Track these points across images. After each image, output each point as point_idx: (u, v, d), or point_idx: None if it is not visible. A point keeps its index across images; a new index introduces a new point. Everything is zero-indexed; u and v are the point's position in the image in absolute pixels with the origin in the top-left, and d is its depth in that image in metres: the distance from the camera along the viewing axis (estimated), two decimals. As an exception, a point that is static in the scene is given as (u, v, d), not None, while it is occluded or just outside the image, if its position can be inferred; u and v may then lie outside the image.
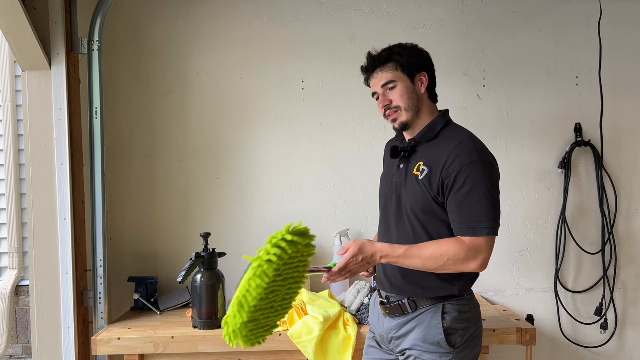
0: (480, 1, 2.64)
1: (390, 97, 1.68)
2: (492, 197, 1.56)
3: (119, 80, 2.60)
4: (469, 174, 1.54)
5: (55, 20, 2.24)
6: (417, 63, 1.69)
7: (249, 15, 2.62)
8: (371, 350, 1.82)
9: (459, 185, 1.55)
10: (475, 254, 1.54)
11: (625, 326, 2.68)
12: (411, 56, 1.68)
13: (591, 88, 2.64)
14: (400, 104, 1.67)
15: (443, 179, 1.57)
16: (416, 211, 1.64)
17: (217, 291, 2.17)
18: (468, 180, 1.54)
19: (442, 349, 1.61)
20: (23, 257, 2.98)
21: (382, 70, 1.69)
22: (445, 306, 1.62)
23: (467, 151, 1.58)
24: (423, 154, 1.66)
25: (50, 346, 2.28)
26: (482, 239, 1.54)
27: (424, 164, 1.63)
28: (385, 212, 1.77)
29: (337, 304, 2.22)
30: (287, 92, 2.63)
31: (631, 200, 2.67)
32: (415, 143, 1.69)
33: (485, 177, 1.56)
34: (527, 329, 2.13)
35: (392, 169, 1.77)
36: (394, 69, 1.68)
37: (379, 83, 1.69)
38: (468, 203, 1.55)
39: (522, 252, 2.65)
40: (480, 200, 1.54)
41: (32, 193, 2.28)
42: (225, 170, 2.64)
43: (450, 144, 1.61)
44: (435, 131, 1.67)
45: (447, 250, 1.54)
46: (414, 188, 1.64)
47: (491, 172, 1.59)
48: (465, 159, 1.56)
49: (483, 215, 1.54)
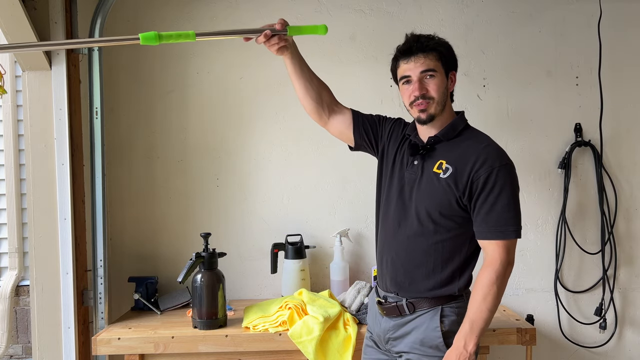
0: (480, 1, 2.64)
1: (427, 87, 1.64)
2: (517, 201, 1.61)
3: (119, 80, 2.60)
4: (498, 177, 1.57)
5: (55, 20, 2.23)
6: (452, 62, 1.71)
7: (249, 16, 2.62)
8: (369, 350, 1.81)
9: (489, 187, 1.57)
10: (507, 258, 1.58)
11: (624, 326, 2.68)
12: (450, 52, 1.70)
13: (591, 88, 2.64)
14: (435, 96, 1.64)
15: (472, 180, 1.58)
16: (431, 211, 1.62)
17: (217, 291, 2.17)
18: (498, 183, 1.57)
19: (441, 353, 1.60)
20: (23, 257, 2.99)
21: (425, 56, 1.64)
22: (443, 309, 1.62)
23: (497, 154, 1.61)
24: (443, 153, 1.65)
25: (50, 346, 2.28)
26: (510, 241, 1.58)
27: (447, 163, 1.62)
28: (387, 209, 1.74)
29: (337, 303, 2.22)
30: (287, 92, 2.63)
31: (631, 200, 2.67)
32: (434, 140, 1.68)
33: (514, 181, 1.61)
34: (527, 329, 2.13)
35: (400, 163, 1.73)
36: (436, 59, 1.65)
37: (419, 68, 1.64)
38: (498, 207, 1.57)
39: (522, 252, 2.65)
40: (510, 204, 1.58)
41: (32, 193, 2.28)
42: (225, 170, 2.64)
43: (477, 144, 1.62)
44: (457, 130, 1.68)
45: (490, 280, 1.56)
46: (433, 187, 1.63)
47: (516, 176, 1.63)
48: (495, 162, 1.58)
49: (511, 219, 1.58)
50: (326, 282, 2.61)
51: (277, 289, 2.59)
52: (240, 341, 2.08)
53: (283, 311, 2.15)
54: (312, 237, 2.61)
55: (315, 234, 2.62)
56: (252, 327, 2.12)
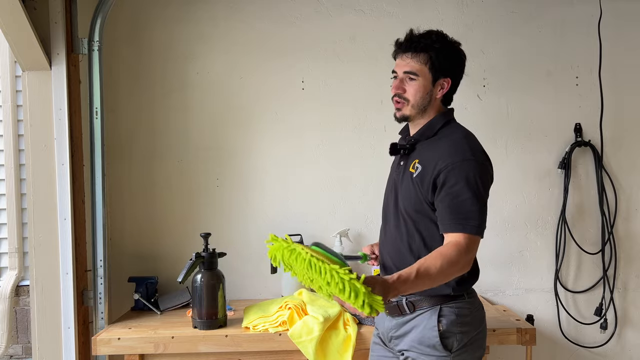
0: (480, 1, 2.64)
1: (405, 87, 1.63)
2: (481, 197, 1.54)
3: (119, 80, 2.60)
4: (459, 171, 1.52)
5: (55, 20, 2.24)
6: (447, 68, 1.63)
7: (249, 16, 2.62)
8: (376, 347, 1.82)
9: (450, 183, 1.53)
10: (466, 252, 1.49)
11: (625, 326, 2.68)
12: (445, 59, 1.62)
13: (591, 88, 2.64)
14: (410, 99, 1.63)
15: (434, 177, 1.56)
16: (408, 209, 1.64)
17: (217, 291, 2.17)
18: (459, 178, 1.52)
19: (438, 352, 1.60)
20: (23, 257, 2.98)
21: (412, 56, 1.61)
22: (442, 309, 1.61)
23: (460, 150, 1.56)
24: (420, 152, 1.66)
25: (50, 346, 2.28)
26: (470, 236, 1.50)
27: (419, 162, 1.62)
28: (385, 210, 1.77)
29: (337, 304, 2.22)
30: (287, 92, 2.63)
31: (631, 201, 2.67)
32: (414, 141, 1.68)
33: (477, 176, 1.53)
34: (527, 329, 2.13)
35: (394, 167, 1.77)
36: (423, 63, 1.61)
37: (403, 67, 1.63)
38: (458, 200, 1.52)
39: (522, 252, 2.65)
40: (471, 198, 1.51)
41: (32, 193, 2.28)
42: (225, 170, 2.64)
43: (445, 142, 1.60)
44: (434, 129, 1.66)
45: (446, 261, 1.46)
46: (408, 186, 1.64)
47: (483, 172, 1.56)
48: (457, 157, 1.54)
49: (472, 213, 1.51)
50: (326, 282, 2.60)
51: (277, 289, 2.59)
52: (240, 341, 2.08)
53: (283, 311, 2.15)
54: (312, 237, 2.61)
55: (315, 234, 2.62)
56: (252, 327, 2.12)
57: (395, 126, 1.95)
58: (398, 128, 1.89)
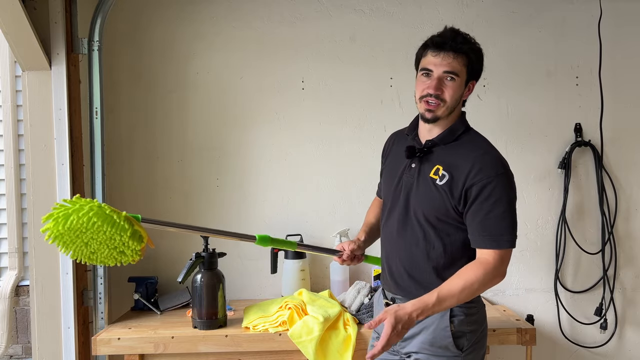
0: (480, 1, 2.64)
1: (444, 88, 1.59)
2: (513, 211, 1.58)
3: (119, 80, 2.60)
4: (494, 187, 1.55)
5: (55, 20, 2.24)
6: (478, 71, 1.66)
7: (249, 16, 2.62)
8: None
9: (483, 197, 1.55)
10: (500, 267, 1.55)
11: (625, 326, 2.68)
12: (479, 62, 1.65)
13: (591, 88, 2.64)
14: (448, 100, 1.60)
15: (467, 189, 1.56)
16: (429, 216, 1.62)
17: (217, 291, 2.17)
18: (493, 193, 1.54)
19: (450, 352, 1.60)
20: (23, 257, 2.98)
21: (455, 57, 1.58)
22: (453, 309, 1.60)
23: (493, 163, 1.58)
24: (441, 158, 1.63)
25: (50, 346, 2.28)
26: (504, 251, 1.56)
27: (444, 169, 1.60)
28: (390, 213, 1.73)
29: (337, 304, 2.23)
30: (287, 92, 2.63)
31: (631, 200, 2.67)
32: (432, 144, 1.66)
33: (510, 190, 1.58)
34: (527, 329, 2.13)
35: (400, 167, 1.72)
36: (463, 64, 1.60)
37: (444, 66, 1.58)
38: (492, 215, 1.55)
39: (522, 252, 2.65)
40: (504, 213, 1.55)
41: (32, 193, 2.28)
42: (225, 170, 2.64)
43: (473, 151, 1.60)
44: (455, 135, 1.65)
45: (476, 278, 1.53)
46: (430, 192, 1.61)
47: (513, 185, 1.60)
48: (491, 171, 1.56)
49: (505, 229, 1.55)
50: (326, 282, 2.61)
51: (277, 289, 2.59)
52: (240, 341, 2.08)
53: (283, 311, 2.15)
54: (312, 237, 2.61)
55: (315, 234, 2.62)
56: (252, 327, 2.12)
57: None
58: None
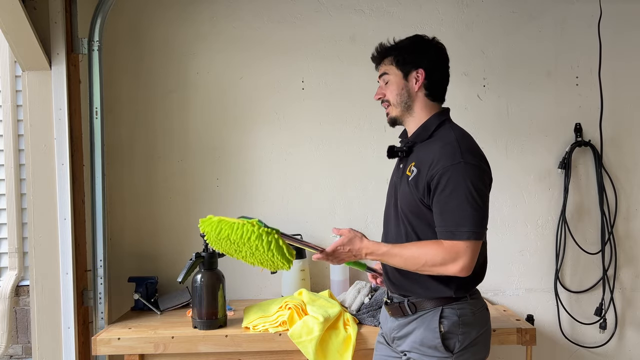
0: (480, 1, 2.64)
1: (384, 91, 1.72)
2: (474, 201, 1.52)
3: (119, 80, 2.60)
4: (450, 176, 1.52)
5: (55, 20, 2.24)
6: (414, 59, 1.67)
7: (249, 16, 2.62)
8: (380, 346, 1.83)
9: (441, 187, 1.54)
10: (454, 257, 1.51)
11: (624, 326, 2.68)
12: (409, 52, 1.67)
13: (591, 88, 2.64)
14: (390, 99, 1.71)
15: (428, 181, 1.56)
16: (406, 212, 1.65)
17: (217, 291, 2.17)
18: (449, 182, 1.52)
19: (440, 353, 1.60)
20: (23, 257, 2.98)
21: (381, 62, 1.74)
22: (444, 310, 1.61)
23: (451, 152, 1.55)
24: (416, 154, 1.66)
25: (50, 346, 2.28)
26: (461, 243, 1.51)
27: (415, 165, 1.63)
28: (387, 212, 1.78)
29: (337, 304, 2.22)
30: (287, 92, 2.63)
31: (631, 200, 2.67)
32: (411, 143, 1.69)
33: (467, 180, 1.52)
34: (527, 329, 2.13)
35: (395, 169, 1.78)
36: (389, 63, 1.71)
37: (379, 75, 1.75)
38: (449, 206, 1.53)
39: (522, 252, 2.65)
40: (461, 204, 1.51)
41: (32, 193, 2.28)
42: (225, 170, 2.64)
43: (438, 144, 1.60)
44: (430, 131, 1.66)
45: (425, 253, 1.54)
46: (405, 188, 1.65)
47: (475, 174, 1.54)
48: (448, 160, 1.54)
49: (463, 219, 1.51)
50: (326, 282, 2.61)
51: (277, 289, 2.59)
52: (240, 341, 2.08)
53: (283, 311, 2.15)
54: (312, 237, 2.61)
55: (315, 234, 2.62)
56: (252, 327, 2.12)
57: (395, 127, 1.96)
58: (398, 128, 1.89)
